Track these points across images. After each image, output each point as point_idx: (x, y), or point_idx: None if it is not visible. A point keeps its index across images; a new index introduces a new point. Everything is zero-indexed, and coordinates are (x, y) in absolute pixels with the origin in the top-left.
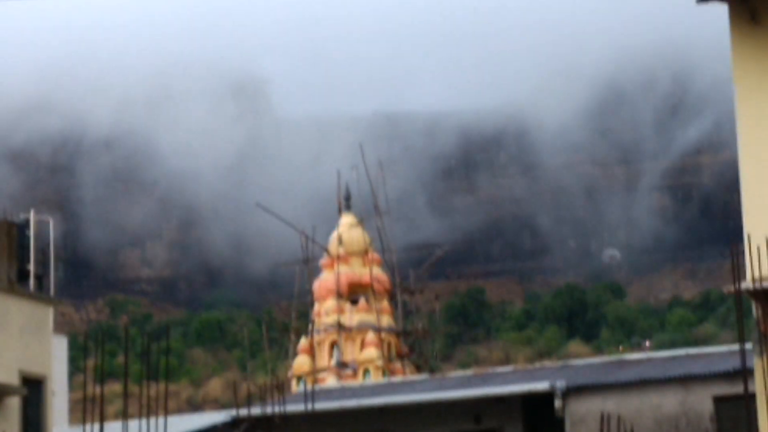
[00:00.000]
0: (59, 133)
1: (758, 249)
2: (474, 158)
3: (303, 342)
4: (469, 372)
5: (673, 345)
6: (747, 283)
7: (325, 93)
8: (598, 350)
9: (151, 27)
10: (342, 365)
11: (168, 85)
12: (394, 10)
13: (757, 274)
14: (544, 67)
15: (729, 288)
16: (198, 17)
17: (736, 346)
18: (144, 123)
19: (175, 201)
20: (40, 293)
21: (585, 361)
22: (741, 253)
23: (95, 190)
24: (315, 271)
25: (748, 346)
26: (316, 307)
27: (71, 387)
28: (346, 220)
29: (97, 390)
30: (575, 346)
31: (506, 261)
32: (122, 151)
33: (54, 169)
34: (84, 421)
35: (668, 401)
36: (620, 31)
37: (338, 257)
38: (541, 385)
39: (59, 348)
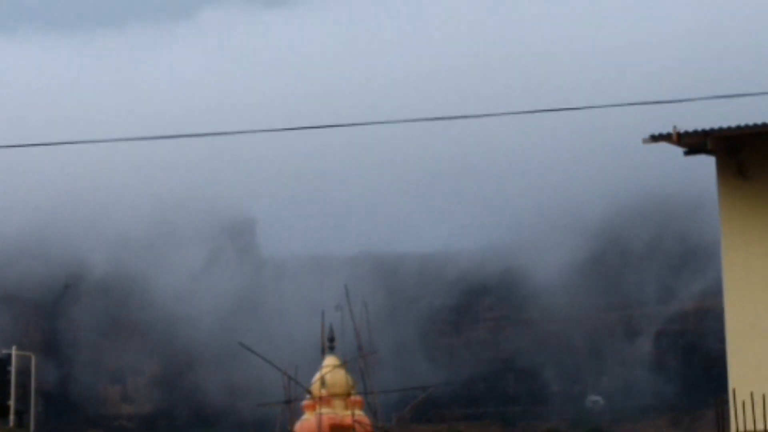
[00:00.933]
0: (51, 275)
1: (743, 404)
2: (463, 301)
3: None
4: None
5: None
6: None
7: (313, 234)
8: None
9: (143, 169)
10: None
11: (156, 227)
12: (386, 152)
13: (741, 428)
14: (538, 214)
15: None
16: (191, 159)
17: None
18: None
19: (157, 337)
20: (20, 430)
21: None
22: (725, 406)
23: (80, 327)
24: (297, 413)
25: None
26: None
27: None
28: (330, 361)
29: None
30: None
31: (489, 404)
32: (113, 292)
33: (43, 308)
34: None
35: None
36: (617, 179)
37: (320, 399)
38: None
39: None
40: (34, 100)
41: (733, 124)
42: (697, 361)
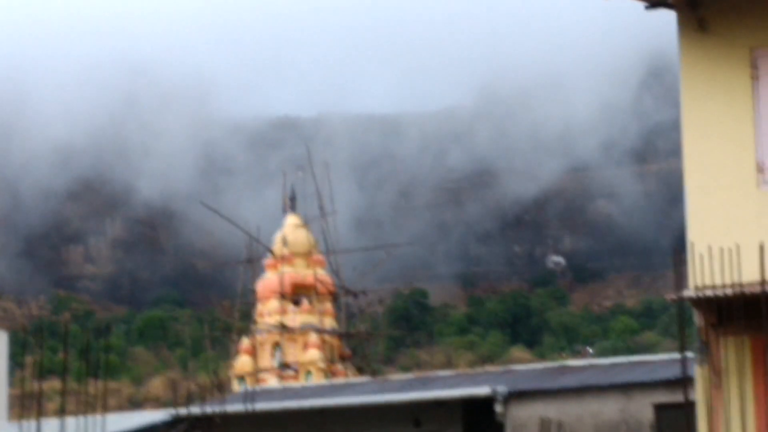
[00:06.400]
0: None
1: (701, 257)
2: (422, 161)
3: (245, 342)
4: (410, 375)
5: (615, 352)
6: (689, 292)
7: (271, 95)
8: (541, 357)
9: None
10: (284, 366)
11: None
12: (343, 14)
13: (699, 282)
14: (495, 71)
15: (672, 296)
16: (151, 16)
17: (677, 355)
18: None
19: (119, 199)
20: None
21: (526, 366)
22: (684, 262)
23: (44, 185)
24: (259, 272)
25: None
26: (259, 307)
27: (11, 383)
28: (291, 221)
29: (36, 386)
30: (517, 352)
31: (450, 265)
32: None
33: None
34: (22, 418)
35: (609, 408)
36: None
37: (282, 258)
38: (482, 390)
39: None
40: None
41: None
42: (656, 222)
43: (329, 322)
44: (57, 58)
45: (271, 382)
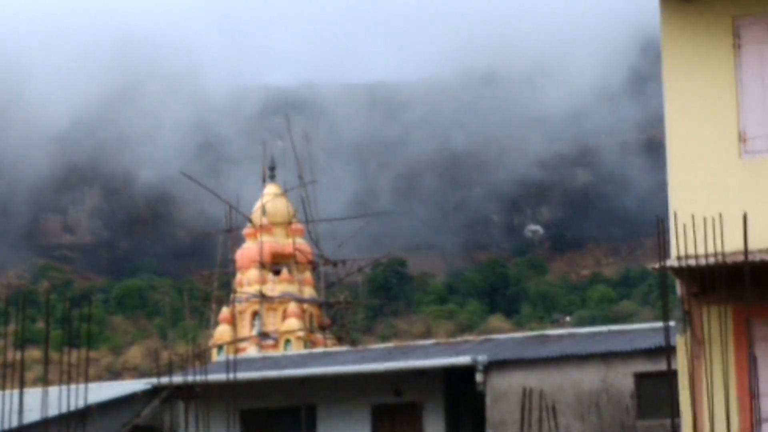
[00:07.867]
0: None
1: (684, 227)
2: (408, 132)
3: (224, 311)
4: (390, 345)
5: (593, 321)
6: (672, 261)
7: (249, 63)
8: (519, 326)
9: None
10: (263, 335)
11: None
12: None
13: (682, 251)
14: (475, 46)
15: (654, 265)
16: None
17: (657, 324)
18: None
19: (99, 166)
20: None
21: (507, 336)
22: (666, 231)
23: (23, 156)
24: (238, 241)
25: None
26: (238, 276)
27: None
28: (271, 190)
29: (17, 356)
30: (496, 321)
31: (429, 234)
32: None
33: None
34: (3, 388)
35: (589, 377)
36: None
37: (261, 227)
38: (463, 359)
39: None
40: None
41: None
42: (634, 191)
43: (309, 291)
44: (51, 40)
45: (251, 351)
